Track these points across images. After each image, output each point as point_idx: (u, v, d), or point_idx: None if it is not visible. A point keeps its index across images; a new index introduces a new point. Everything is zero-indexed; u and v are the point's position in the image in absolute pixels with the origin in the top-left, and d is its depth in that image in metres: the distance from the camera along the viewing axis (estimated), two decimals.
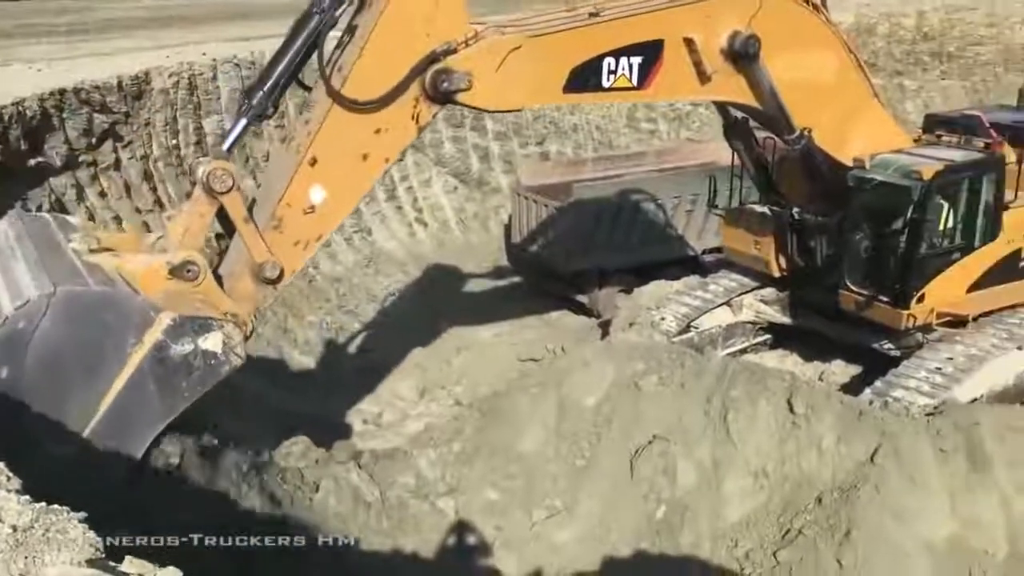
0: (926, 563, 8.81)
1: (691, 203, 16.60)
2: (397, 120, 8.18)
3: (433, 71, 7.96)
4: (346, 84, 7.91)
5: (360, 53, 7.87)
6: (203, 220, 7.82)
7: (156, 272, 7.43)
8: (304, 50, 8.05)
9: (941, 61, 30.02)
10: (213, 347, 6.94)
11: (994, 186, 11.80)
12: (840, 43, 11.01)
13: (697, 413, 10.08)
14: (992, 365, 11.59)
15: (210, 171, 7.58)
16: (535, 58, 8.60)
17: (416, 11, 7.82)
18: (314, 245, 8.35)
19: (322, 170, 8.02)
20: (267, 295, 8.30)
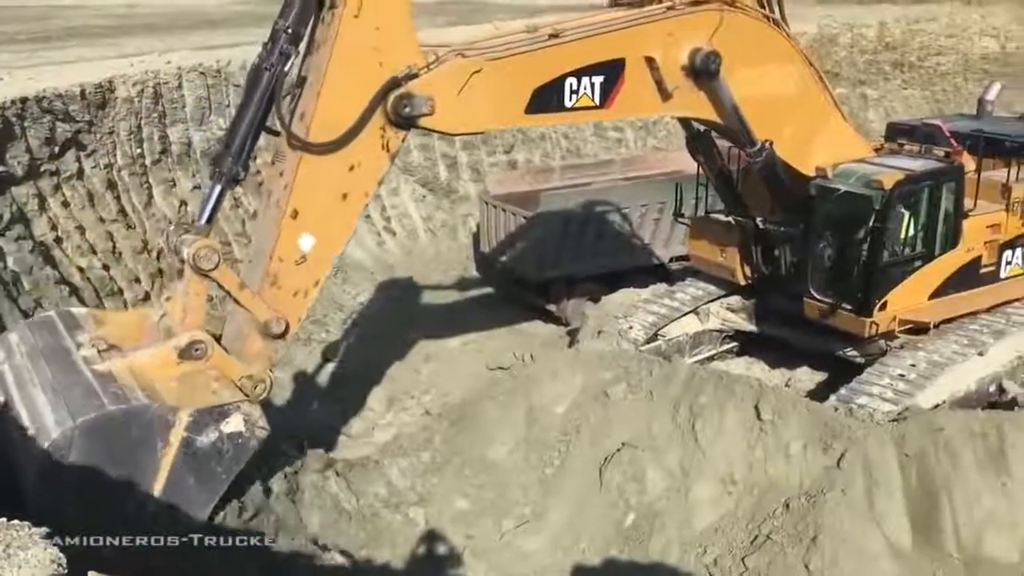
0: (892, 566, 8.93)
1: (658, 211, 16.72)
2: (368, 153, 8.18)
3: (395, 97, 7.96)
4: (311, 131, 7.91)
5: (318, 97, 7.85)
6: (199, 299, 8.01)
7: (166, 360, 7.72)
8: (262, 108, 8.03)
9: (902, 71, 30.56)
10: (236, 428, 7.36)
11: (954, 195, 11.98)
12: (800, 57, 11.14)
13: (665, 421, 10.14)
14: (954, 371, 11.76)
15: (194, 253, 7.74)
16: (497, 81, 8.61)
17: (363, 44, 7.79)
18: (313, 291, 8.43)
19: (305, 220, 8.07)
20: (278, 349, 8.43)
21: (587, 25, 9.34)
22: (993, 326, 12.63)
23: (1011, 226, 12.71)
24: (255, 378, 8.12)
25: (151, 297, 15.09)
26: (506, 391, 10.37)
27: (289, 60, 7.89)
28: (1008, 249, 12.85)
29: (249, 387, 8.11)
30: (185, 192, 17.01)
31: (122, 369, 7.64)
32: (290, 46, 7.87)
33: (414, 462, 9.93)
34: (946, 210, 11.98)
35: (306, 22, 7.94)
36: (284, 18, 7.87)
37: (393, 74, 7.97)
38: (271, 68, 7.87)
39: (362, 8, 7.64)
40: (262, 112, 8.04)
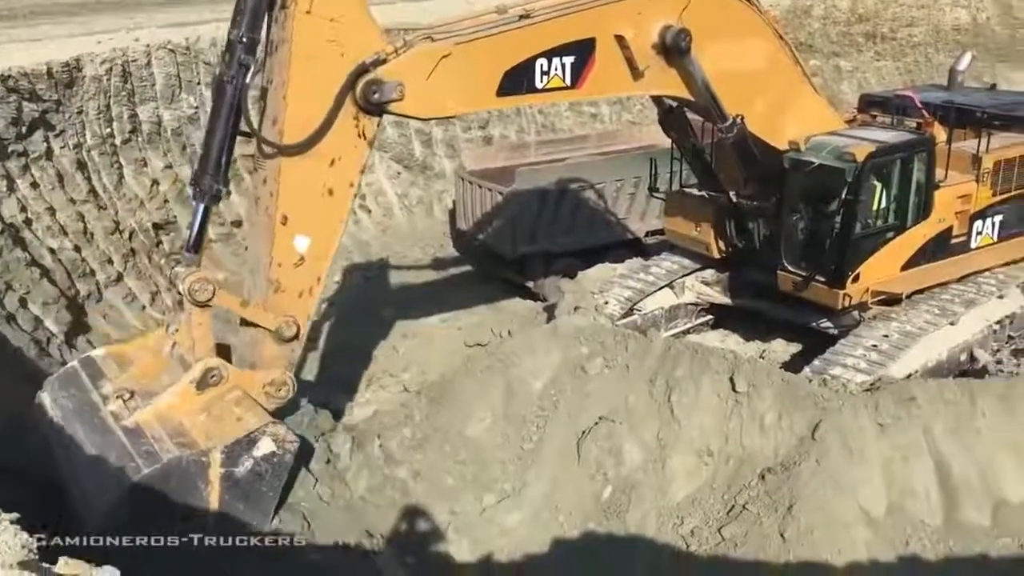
0: (866, 533, 9.08)
1: (633, 186, 16.74)
2: (345, 144, 8.13)
3: (363, 83, 7.89)
4: (284, 134, 7.86)
5: (285, 100, 7.77)
6: (204, 327, 8.13)
7: (187, 397, 7.93)
8: (231, 121, 7.94)
9: (875, 42, 30.62)
10: (268, 450, 7.67)
11: (925, 166, 12.05)
12: (771, 31, 11.12)
13: (642, 394, 10.21)
14: (926, 341, 11.92)
15: (189, 288, 7.86)
16: (466, 64, 8.55)
17: (320, 39, 7.70)
18: (317, 288, 8.50)
19: (296, 222, 8.09)
20: (294, 349, 8.57)
21: (557, 5, 9.25)
22: (964, 296, 12.80)
23: (981, 196, 12.83)
24: (276, 382, 8.38)
25: (123, 278, 14.96)
26: (484, 367, 10.39)
27: (249, 70, 7.77)
28: (978, 219, 12.98)
29: (273, 392, 8.41)
30: (157, 171, 16.84)
31: (150, 419, 7.89)
32: (248, 55, 7.74)
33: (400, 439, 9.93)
34: (918, 181, 12.06)
35: (259, 27, 7.81)
36: (237, 27, 7.73)
37: (357, 63, 7.88)
38: (232, 80, 7.76)
39: (313, 3, 7.54)
40: (232, 125, 7.95)
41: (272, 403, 8.58)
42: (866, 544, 8.96)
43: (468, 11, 9.45)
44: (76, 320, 13.58)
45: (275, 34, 7.93)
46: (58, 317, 13.25)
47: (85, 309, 14.00)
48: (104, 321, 14.11)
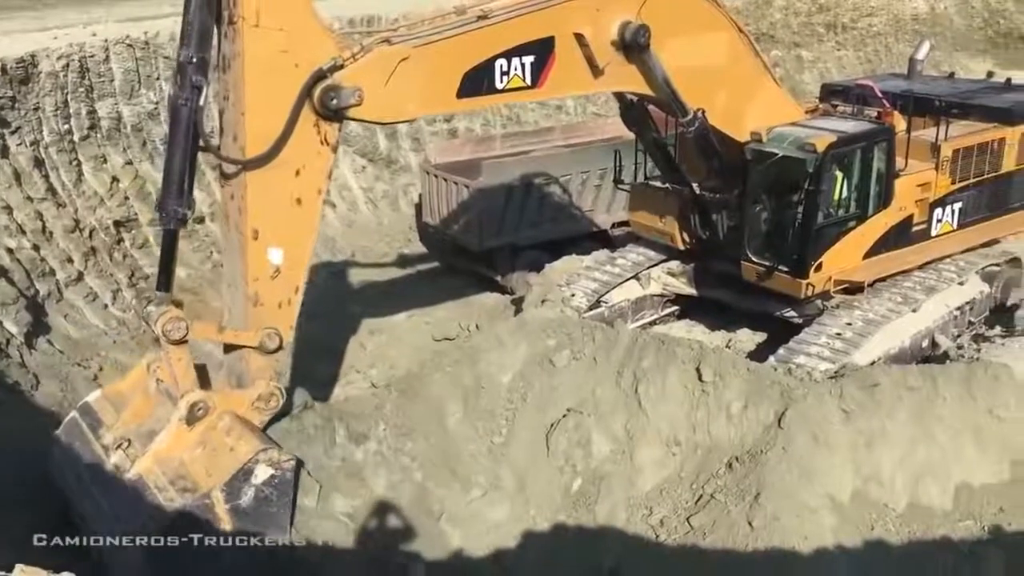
0: (832, 519, 9.18)
1: (599, 178, 16.78)
2: (308, 152, 8.04)
3: (320, 90, 7.78)
4: (246, 149, 7.74)
5: (243, 115, 7.66)
6: (183, 363, 8.13)
7: (179, 436, 7.98)
8: (190, 143, 7.83)
9: (836, 32, 30.93)
10: (266, 475, 7.74)
11: (885, 155, 12.18)
12: (730, 24, 11.14)
13: (609, 386, 10.25)
14: (888, 328, 12.06)
15: (163, 329, 7.86)
16: (425, 67, 8.48)
17: (271, 51, 7.57)
18: (296, 297, 8.44)
19: (267, 235, 8.02)
20: (279, 359, 8.59)
21: (515, 5, 9.17)
22: (925, 283, 12.96)
23: (940, 184, 13.00)
24: (263, 396, 8.41)
25: (84, 277, 14.74)
26: (452, 362, 10.36)
27: (203, 91, 7.63)
28: (938, 207, 13.16)
29: (263, 406, 8.44)
30: (117, 168, 16.58)
31: (150, 466, 7.99)
32: (200, 76, 7.59)
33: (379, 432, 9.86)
34: (878, 170, 12.19)
35: (209, 46, 7.67)
36: (186, 47, 7.59)
37: (312, 70, 7.78)
38: (187, 103, 7.63)
39: (259, 15, 7.41)
40: (192, 147, 7.83)
41: (264, 416, 8.61)
42: (832, 530, 9.06)
43: (433, 4, 9.37)
44: (36, 320, 13.35)
45: (226, 49, 7.80)
46: (17, 318, 13.02)
47: (45, 309, 13.77)
48: (65, 321, 13.90)
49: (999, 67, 27.79)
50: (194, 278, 15.94)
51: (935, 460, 9.80)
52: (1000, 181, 13.91)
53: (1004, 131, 13.71)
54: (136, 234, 16.19)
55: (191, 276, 15.94)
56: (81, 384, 12.54)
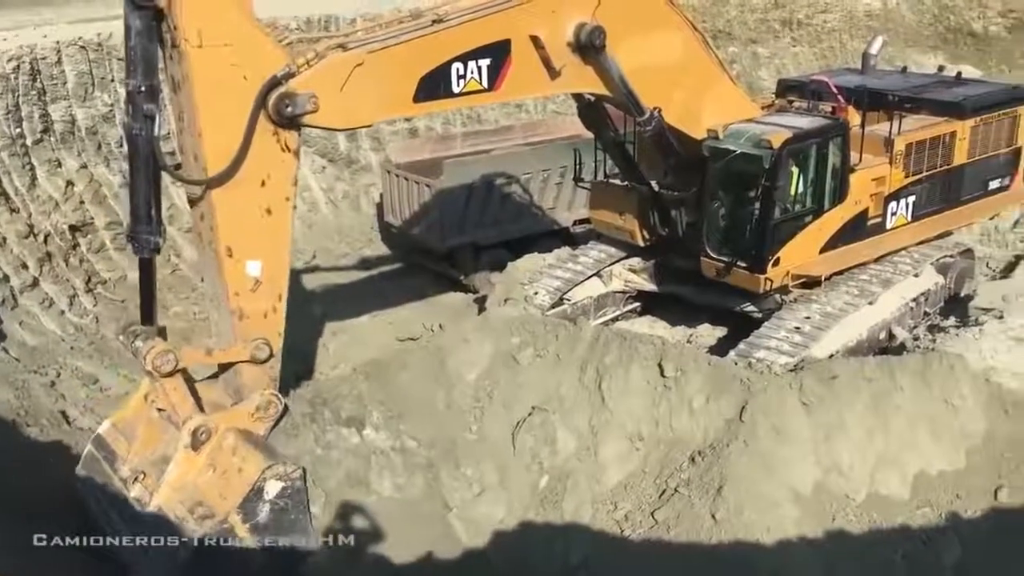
0: (794, 510, 9.32)
1: (560, 176, 16.84)
2: (271, 161, 7.98)
3: (275, 98, 7.70)
4: (208, 168, 7.67)
5: (200, 136, 7.59)
6: (178, 392, 8.17)
7: (189, 462, 8.04)
8: (151, 171, 7.75)
9: (791, 29, 31.27)
10: (277, 488, 7.85)
11: (840, 150, 12.33)
12: (685, 23, 11.19)
13: (573, 382, 10.31)
14: (846, 321, 12.21)
15: (153, 363, 7.87)
16: (380, 72, 8.42)
17: (219, 68, 7.49)
18: (280, 304, 8.44)
19: (242, 250, 7.98)
20: (272, 366, 8.53)
21: (470, 8, 9.13)
22: (881, 275, 13.13)
23: (894, 178, 13.18)
24: (262, 406, 8.44)
25: (39, 283, 14.51)
26: (418, 358, 10.34)
27: (155, 118, 7.56)
28: (893, 200, 13.34)
29: (263, 416, 8.47)
30: (71, 172, 16.32)
31: (168, 496, 8.09)
32: (150, 104, 7.51)
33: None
34: (833, 165, 12.34)
35: (156, 72, 7.58)
36: (133, 76, 7.50)
37: (262, 81, 7.72)
38: (141, 132, 7.56)
39: (202, 35, 7.33)
40: (153, 174, 7.76)
41: (266, 425, 8.60)
42: (794, 521, 9.21)
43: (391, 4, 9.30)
44: None
45: (173, 72, 7.71)
46: None
47: (0, 316, 13.54)
48: (20, 328, 13.67)
49: (949, 62, 28.33)
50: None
51: (893, 450, 9.98)
52: (952, 174, 14.15)
53: (955, 125, 13.94)
54: (92, 239, 15.96)
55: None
56: (39, 391, 12.34)
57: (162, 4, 7.23)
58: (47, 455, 10.66)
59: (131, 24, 7.39)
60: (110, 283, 15.64)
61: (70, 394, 12.53)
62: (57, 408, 12.05)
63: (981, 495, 9.91)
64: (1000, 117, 14.63)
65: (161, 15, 7.35)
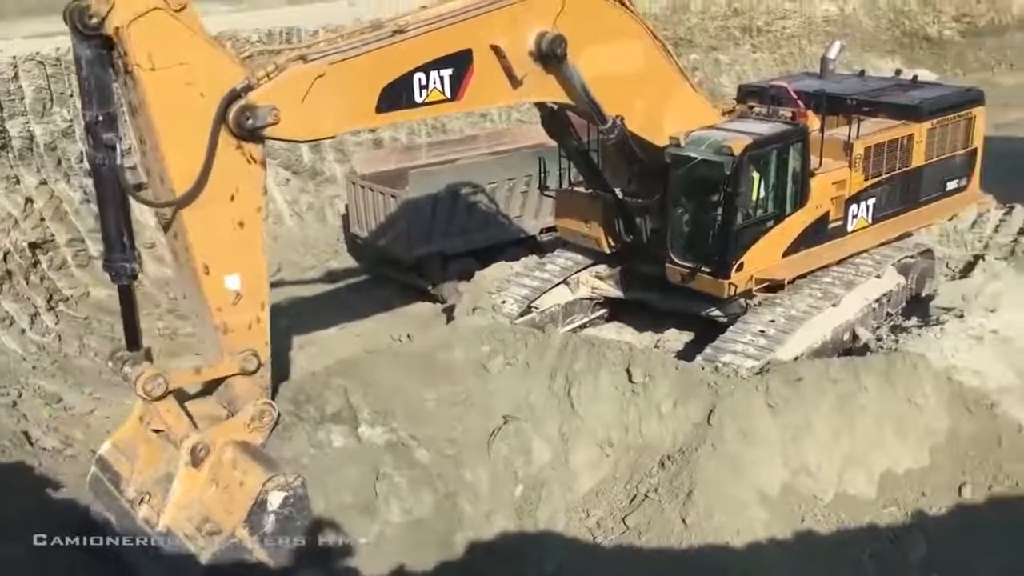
0: (763, 512, 9.39)
1: (526, 184, 16.87)
2: (238, 175, 7.91)
3: (235, 111, 7.62)
4: (175, 189, 7.60)
5: (164, 158, 7.54)
6: (172, 413, 8.13)
7: (191, 480, 8.04)
8: (119, 199, 7.70)
9: (751, 35, 31.67)
10: (280, 498, 7.87)
11: (800, 155, 12.49)
12: (645, 31, 11.27)
13: (542, 390, 10.31)
14: (810, 323, 12.36)
15: (143, 389, 7.82)
16: (341, 83, 8.39)
17: (174, 88, 7.41)
18: (263, 315, 8.37)
19: (219, 266, 7.92)
20: (263, 375, 8.49)
21: (431, 18, 9.13)
22: (844, 277, 13.30)
23: (854, 181, 13.36)
24: (255, 416, 8.38)
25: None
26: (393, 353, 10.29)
27: (117, 148, 7.49)
28: (853, 203, 13.53)
29: (258, 425, 8.41)
30: (30, 189, 16.11)
31: (176, 516, 8.07)
32: (110, 133, 7.45)
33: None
34: (794, 170, 12.49)
35: (111, 101, 7.51)
36: (90, 108, 7.44)
37: (219, 96, 7.65)
38: (105, 162, 7.50)
39: (153, 58, 7.26)
40: (121, 202, 7.71)
41: (263, 434, 8.54)
42: (764, 523, 9.27)
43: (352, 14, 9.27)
44: None
45: (129, 97, 7.64)
46: None
47: None
48: None
49: (906, 65, 28.77)
50: (115, 298, 15.55)
51: (859, 450, 10.09)
52: (911, 176, 14.39)
53: (912, 127, 14.17)
54: (53, 256, 15.75)
55: (111, 297, 15.54)
56: (0, 412, 12.14)
57: (110, 31, 7.13)
58: (10, 476, 10.49)
59: (81, 54, 7.31)
60: (72, 300, 15.44)
61: (32, 414, 12.33)
62: (19, 428, 11.85)
63: (946, 492, 10.04)
64: (956, 119, 14.92)
65: (110, 42, 7.26)
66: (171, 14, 7.17)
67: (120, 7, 6.99)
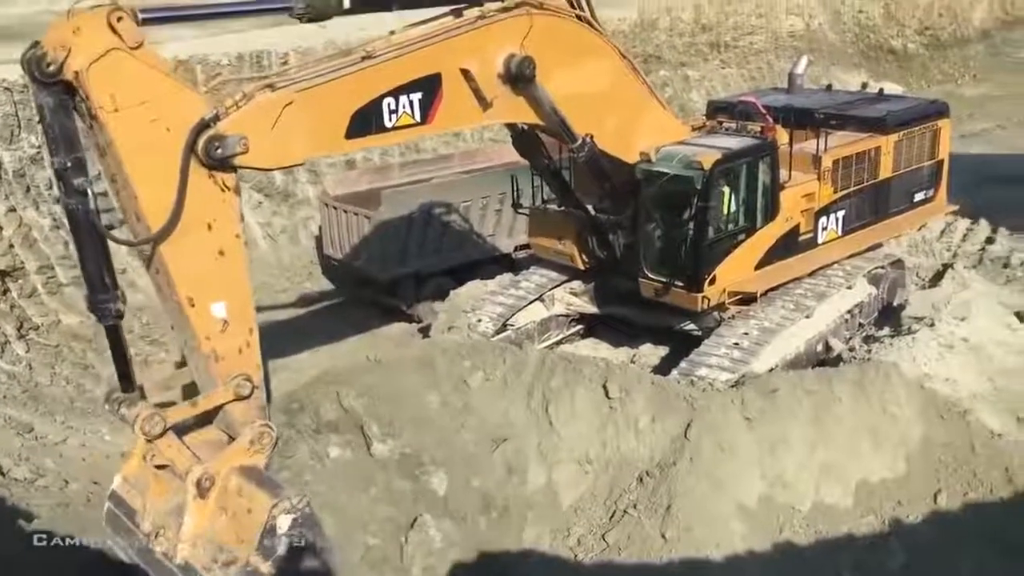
0: (742, 525, 9.42)
1: (499, 202, 16.92)
2: (213, 204, 7.83)
3: (204, 141, 7.55)
4: (151, 226, 7.56)
5: (136, 195, 7.47)
6: (173, 448, 8.02)
7: (201, 511, 7.96)
8: (96, 241, 7.64)
9: (719, 51, 32.03)
10: (288, 522, 7.76)
11: (770, 169, 12.60)
12: (613, 50, 11.35)
13: (521, 407, 10.30)
14: (784, 335, 12.45)
15: (142, 428, 7.69)
16: (311, 110, 8.37)
17: (139, 127, 7.30)
18: (253, 339, 8.22)
19: (203, 296, 7.81)
20: (258, 397, 8.35)
21: (400, 44, 9.13)
22: (816, 289, 13.41)
23: (823, 194, 13.50)
24: (255, 439, 8.26)
25: None
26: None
27: (89, 192, 7.42)
28: (823, 216, 13.66)
29: (259, 448, 8.30)
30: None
31: (192, 548, 7.99)
32: (80, 178, 7.35)
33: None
34: (764, 184, 12.59)
35: (79, 145, 7.36)
36: (57, 155, 7.27)
37: (186, 129, 7.62)
38: (78, 207, 7.45)
39: (116, 99, 7.20)
40: (100, 245, 7.64)
41: (264, 456, 8.40)
42: (742, 536, 9.30)
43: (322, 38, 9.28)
44: None
45: (96, 139, 7.59)
46: None
47: None
48: None
49: (872, 79, 29.25)
50: (86, 325, 15.41)
51: (835, 460, 10.15)
52: (879, 188, 14.57)
53: (879, 140, 14.37)
54: (23, 283, 15.58)
55: (83, 324, 15.40)
56: None
57: (69, 77, 7.08)
58: None
59: (43, 103, 7.21)
60: (43, 328, 15.27)
61: (4, 444, 12.14)
62: None
63: (921, 500, 10.11)
64: (922, 131, 15.15)
65: (71, 87, 7.22)
66: (129, 53, 7.08)
67: (77, 51, 6.88)
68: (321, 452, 9.18)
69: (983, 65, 38.17)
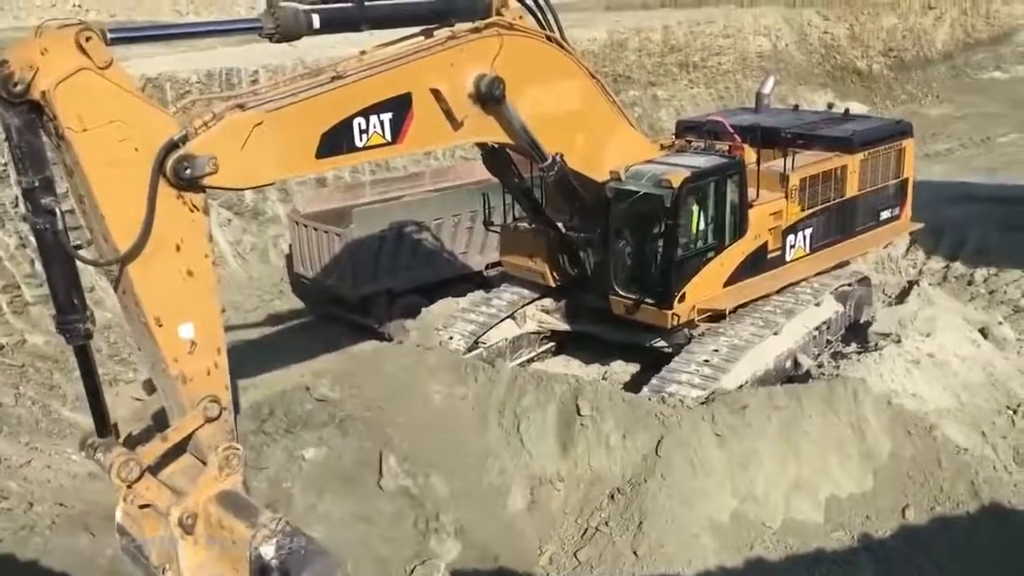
0: (713, 541, 9.46)
1: (470, 220, 16.95)
2: (182, 225, 7.76)
3: (173, 161, 7.47)
4: (119, 247, 7.50)
5: (104, 216, 7.45)
6: (152, 491, 7.90)
7: (191, 548, 7.81)
8: (66, 262, 7.58)
9: (688, 71, 32.36)
10: (271, 547, 7.56)
11: (738, 187, 12.74)
12: (582, 71, 11.43)
13: (493, 426, 10.31)
14: (753, 352, 12.53)
15: (117, 474, 7.54)
16: (280, 130, 8.37)
17: (107, 146, 7.22)
18: (221, 359, 8.08)
19: (170, 317, 7.69)
20: (226, 419, 8.20)
21: (370, 63, 9.14)
22: (784, 306, 13.54)
23: (791, 212, 13.65)
24: (222, 464, 8.08)
25: None
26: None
27: (57, 212, 7.36)
28: (791, 234, 13.81)
29: (230, 471, 8.12)
30: None
31: None
32: (48, 198, 7.32)
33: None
34: (732, 202, 12.73)
35: (46, 165, 7.33)
36: (25, 175, 7.15)
37: (154, 149, 7.58)
38: (46, 228, 7.38)
39: (83, 119, 7.16)
40: (68, 265, 7.56)
41: (237, 476, 8.30)
42: (714, 552, 9.35)
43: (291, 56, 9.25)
44: None
45: (63, 159, 7.53)
46: None
47: None
48: None
49: (838, 99, 29.66)
50: (52, 345, 15.21)
51: (805, 475, 10.24)
52: (845, 206, 14.76)
53: (845, 159, 14.57)
54: None
55: (48, 344, 15.19)
56: None
57: (36, 96, 7.03)
58: None
59: (9, 123, 7.12)
60: (7, 348, 15.04)
61: None
62: None
63: (890, 515, 10.22)
64: (887, 150, 15.38)
65: (38, 106, 7.16)
66: (97, 72, 7.02)
67: (44, 71, 6.78)
68: (297, 454, 9.09)
69: (946, 86, 38.88)
